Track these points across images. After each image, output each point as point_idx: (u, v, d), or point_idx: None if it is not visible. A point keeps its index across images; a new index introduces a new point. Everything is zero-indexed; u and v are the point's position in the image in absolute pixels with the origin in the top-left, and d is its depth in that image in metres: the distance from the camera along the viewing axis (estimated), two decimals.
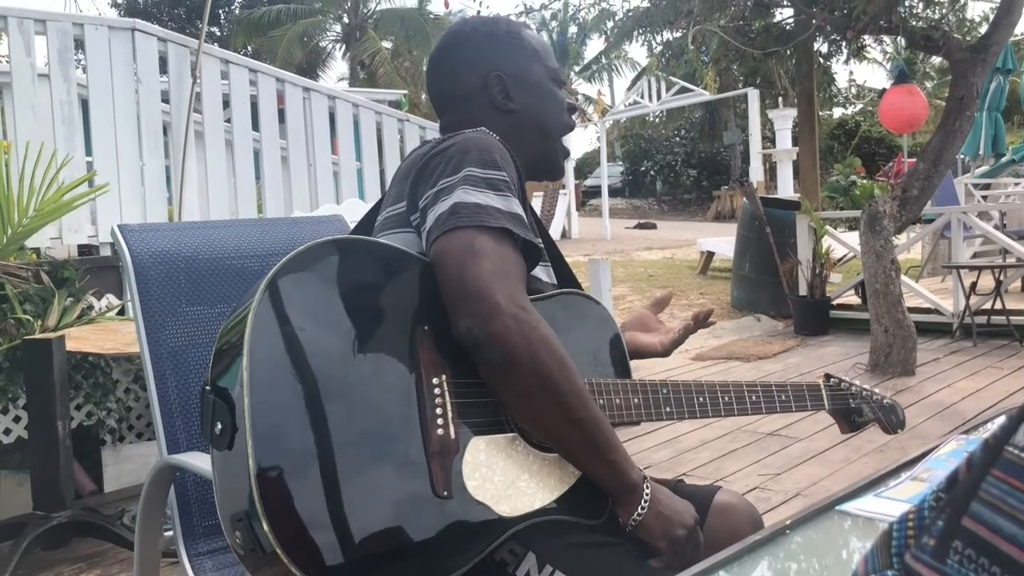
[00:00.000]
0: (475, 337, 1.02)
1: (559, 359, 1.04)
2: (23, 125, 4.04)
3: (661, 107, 16.41)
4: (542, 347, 1.03)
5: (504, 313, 1.02)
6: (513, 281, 1.07)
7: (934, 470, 1.01)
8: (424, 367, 1.04)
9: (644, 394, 1.24)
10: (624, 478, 1.10)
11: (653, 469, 3.60)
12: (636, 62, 28.83)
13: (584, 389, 1.07)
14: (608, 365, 1.26)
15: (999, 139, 10.45)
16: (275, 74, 5.26)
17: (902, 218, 5.55)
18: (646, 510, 1.10)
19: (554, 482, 1.09)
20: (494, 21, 1.42)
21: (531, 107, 1.36)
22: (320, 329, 1.00)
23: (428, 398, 1.03)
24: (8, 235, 3.18)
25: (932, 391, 4.78)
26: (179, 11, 26.45)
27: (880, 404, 1.48)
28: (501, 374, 1.03)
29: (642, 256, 13.36)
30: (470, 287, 1.03)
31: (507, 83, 1.34)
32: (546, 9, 8.18)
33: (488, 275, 1.04)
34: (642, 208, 28.98)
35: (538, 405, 1.05)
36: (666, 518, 1.11)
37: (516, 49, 1.37)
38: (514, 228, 1.11)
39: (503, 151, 1.20)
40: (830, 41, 6.82)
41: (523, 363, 1.02)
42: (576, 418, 1.05)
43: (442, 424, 1.02)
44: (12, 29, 4.06)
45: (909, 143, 10.81)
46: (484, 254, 1.06)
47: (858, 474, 3.28)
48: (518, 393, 1.04)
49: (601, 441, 1.08)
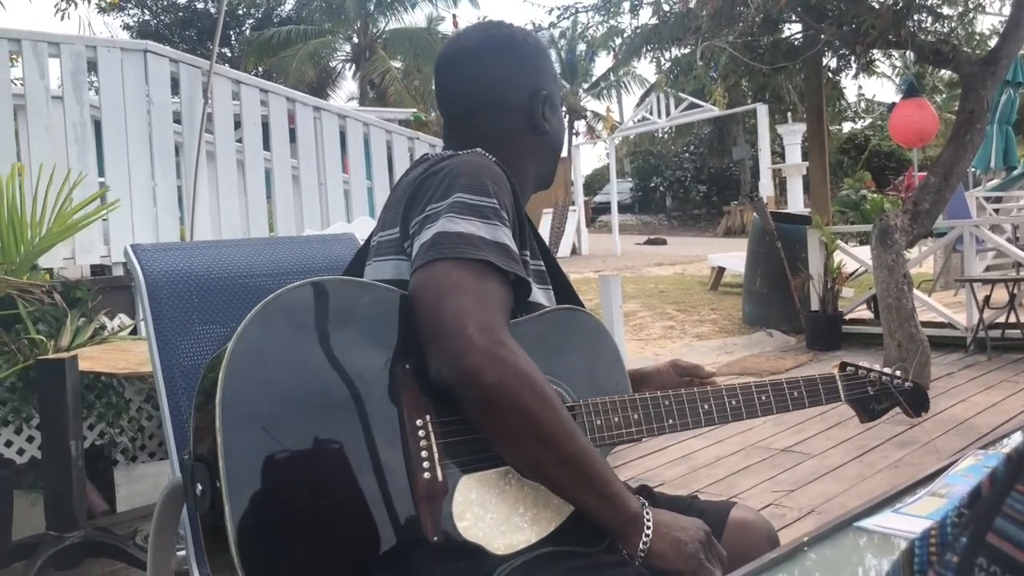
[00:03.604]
0: (446, 377, 0.98)
1: (540, 395, 0.99)
2: (37, 146, 4.07)
3: (670, 123, 16.42)
4: (521, 384, 0.98)
5: (477, 350, 0.97)
6: (491, 315, 1.01)
7: (953, 485, 1.00)
8: (407, 409, 1.00)
9: (644, 408, 1.20)
10: (622, 511, 1.05)
11: (666, 486, 3.57)
12: (644, 79, 28.92)
13: (570, 424, 1.02)
14: (605, 381, 1.22)
15: (1010, 152, 10.41)
16: (286, 94, 5.29)
17: (914, 232, 5.52)
18: (651, 537, 1.05)
19: (551, 513, 1.06)
20: (534, 34, 1.37)
21: (556, 130, 1.33)
22: (296, 380, 0.97)
23: (412, 441, 0.99)
24: (21, 254, 3.20)
25: (947, 406, 4.74)
26: (190, 33, 26.69)
27: (902, 388, 1.43)
28: (479, 413, 0.99)
29: (652, 272, 13.34)
30: (443, 323, 0.99)
31: (546, 103, 1.30)
32: (555, 27, 8.20)
33: (462, 311, 0.99)
34: (652, 224, 28.97)
35: (521, 444, 1.00)
36: (675, 539, 1.07)
37: (550, 69, 1.35)
38: (497, 260, 1.05)
39: (498, 175, 1.16)
40: (839, 56, 6.83)
41: (500, 402, 0.97)
42: (564, 455, 1.01)
43: (428, 467, 0.99)
44: (26, 52, 4.10)
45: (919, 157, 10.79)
46: (461, 288, 1.01)
47: (873, 490, 3.25)
48: (499, 432, 1.00)
49: (592, 475, 1.03)
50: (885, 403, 1.42)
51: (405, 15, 27.78)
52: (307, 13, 27.54)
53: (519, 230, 1.15)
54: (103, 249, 4.37)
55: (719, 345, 7.08)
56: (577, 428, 1.04)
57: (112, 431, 3.26)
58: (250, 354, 0.96)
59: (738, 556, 1.15)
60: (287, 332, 0.99)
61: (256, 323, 0.97)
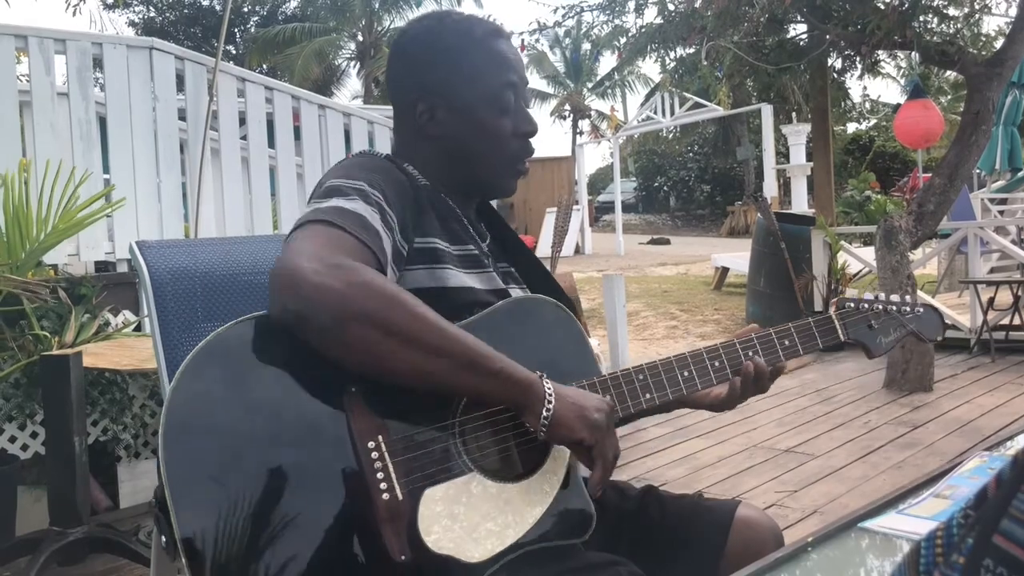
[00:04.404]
0: (292, 312, 0.94)
1: (388, 296, 0.95)
2: (42, 142, 4.08)
3: (674, 123, 16.41)
4: (366, 291, 0.94)
5: (313, 272, 0.93)
6: (326, 247, 0.98)
7: (957, 487, 1.00)
8: (358, 433, 0.97)
9: (617, 388, 1.14)
10: (517, 381, 1.01)
11: (669, 486, 3.57)
12: (649, 78, 28.94)
13: (430, 315, 0.98)
14: (573, 368, 1.15)
15: (1015, 154, 10.39)
16: (291, 91, 5.29)
17: (918, 233, 5.52)
18: (554, 405, 1.02)
19: (525, 510, 1.04)
20: (438, 32, 1.26)
21: (460, 136, 1.23)
22: (240, 423, 0.94)
23: (367, 464, 0.96)
24: (27, 251, 3.20)
25: (950, 407, 4.73)
26: (195, 30, 26.72)
27: (913, 315, 1.33)
28: (336, 338, 0.94)
29: (656, 272, 13.34)
30: (278, 268, 0.96)
31: (435, 106, 1.23)
32: (560, 27, 8.20)
33: (296, 251, 0.97)
34: (656, 224, 28.97)
35: (391, 354, 0.95)
36: (578, 405, 1.03)
37: (452, 69, 1.23)
38: (337, 220, 1.02)
39: (377, 167, 1.15)
40: (844, 56, 6.82)
41: (353, 314, 0.93)
42: (435, 347, 0.97)
43: (386, 488, 0.96)
44: (32, 48, 4.10)
45: (924, 158, 10.76)
46: (298, 239, 1.00)
47: (876, 491, 3.25)
48: (365, 351, 0.95)
49: (475, 357, 0.99)
50: (894, 334, 1.31)
51: (410, 13, 27.79)
52: (312, 11, 27.56)
53: (413, 215, 1.14)
54: (108, 246, 4.37)
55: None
56: (439, 317, 0.98)
57: (116, 427, 3.27)
58: (189, 403, 0.93)
59: (744, 554, 1.14)
60: (224, 375, 0.95)
61: (191, 370, 0.94)
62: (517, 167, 1.28)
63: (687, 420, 4.55)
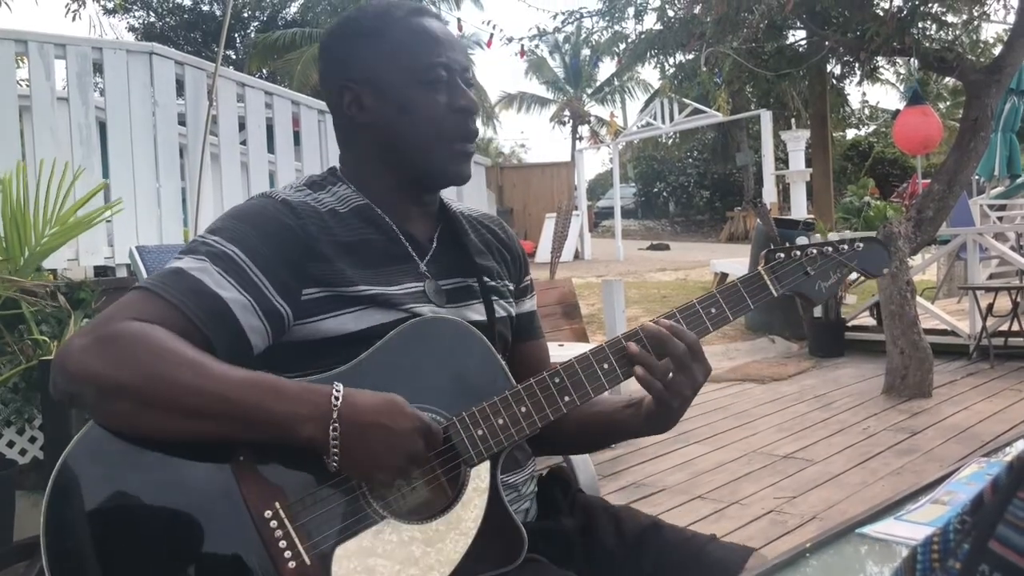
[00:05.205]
0: (61, 391, 0.92)
1: (147, 365, 0.91)
2: (42, 147, 4.08)
3: (674, 128, 16.42)
4: (124, 365, 0.91)
5: (79, 349, 0.91)
6: (114, 318, 0.95)
7: (955, 493, 1.00)
8: (252, 503, 0.92)
9: (532, 396, 1.06)
10: (295, 436, 0.93)
11: (667, 492, 3.57)
12: (648, 84, 28.96)
13: (192, 375, 0.91)
14: (483, 385, 1.08)
15: (1014, 160, 10.41)
16: (290, 97, 5.30)
17: (917, 239, 5.53)
18: (339, 434, 0.93)
19: (449, 547, 0.99)
20: (356, 18, 1.20)
21: (390, 119, 1.15)
22: (126, 518, 0.91)
23: (266, 534, 0.92)
24: (26, 255, 3.20)
25: (949, 413, 4.73)
26: (195, 35, 26.75)
27: (852, 251, 1.22)
28: (102, 413, 0.92)
29: (655, 277, 13.34)
30: (59, 347, 0.96)
31: (360, 93, 1.16)
32: (559, 32, 8.21)
33: (84, 327, 0.96)
34: (655, 229, 28.98)
35: (156, 424, 0.91)
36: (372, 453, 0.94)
37: (372, 50, 1.16)
38: (158, 286, 0.99)
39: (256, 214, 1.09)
40: (843, 63, 6.84)
41: (110, 390, 0.90)
42: (195, 410, 0.91)
43: (291, 555, 0.92)
44: (32, 53, 4.11)
45: (923, 164, 10.77)
46: (110, 308, 0.98)
47: (874, 497, 3.24)
48: (130, 425, 0.92)
49: (238, 412, 0.92)
50: (834, 276, 1.21)
51: None
52: (312, 16, 27.57)
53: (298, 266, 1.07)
54: (107, 250, 4.37)
55: (722, 351, 7.07)
56: (207, 373, 0.92)
57: None
58: (66, 507, 0.90)
59: None
60: (100, 472, 0.92)
61: (64, 472, 0.91)
62: (456, 147, 1.17)
63: (686, 425, 4.55)
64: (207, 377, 0.92)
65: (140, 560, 0.90)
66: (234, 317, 1.00)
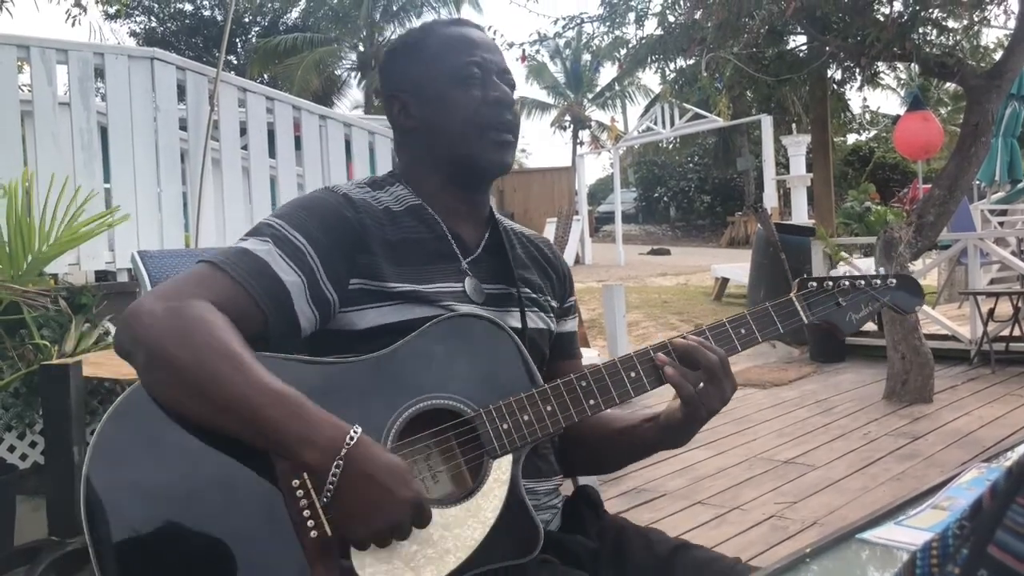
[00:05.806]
0: (121, 346, 1.00)
1: (197, 346, 0.95)
2: (44, 152, 4.09)
3: (674, 133, 16.44)
4: (181, 337, 0.96)
5: (147, 313, 0.98)
6: (185, 288, 1.02)
7: (955, 498, 1.00)
8: (282, 472, 0.95)
9: (558, 397, 1.09)
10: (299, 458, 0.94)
11: (668, 497, 3.57)
12: (649, 89, 28.97)
13: (232, 369, 0.95)
14: (509, 382, 1.11)
15: (1015, 165, 10.41)
16: (292, 102, 5.31)
17: (918, 244, 5.52)
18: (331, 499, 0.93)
19: (467, 532, 1.00)
20: (403, 36, 1.32)
21: (432, 119, 1.23)
22: (160, 476, 0.94)
23: (292, 503, 0.94)
24: (28, 262, 3.21)
25: (950, 419, 4.73)
26: (197, 40, 26.80)
27: (886, 286, 1.24)
28: (145, 377, 0.98)
29: (656, 282, 13.35)
30: (131, 304, 1.02)
31: (406, 101, 1.25)
32: (560, 38, 8.22)
33: (156, 290, 1.04)
34: (656, 234, 29.00)
35: (183, 402, 0.96)
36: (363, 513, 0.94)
37: (414, 60, 1.25)
38: (224, 262, 1.04)
39: (317, 204, 1.15)
40: (844, 68, 6.83)
41: (160, 359, 0.95)
42: (222, 404, 0.94)
43: (313, 524, 0.94)
44: (34, 59, 4.12)
45: (924, 169, 10.78)
46: (177, 277, 1.06)
47: (875, 503, 3.24)
48: (161, 394, 0.97)
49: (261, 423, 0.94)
50: (866, 309, 1.23)
51: (410, 23, 27.86)
52: (313, 21, 27.64)
53: (348, 257, 1.12)
54: (108, 255, 4.38)
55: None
56: (243, 368, 0.95)
57: None
58: (108, 463, 0.94)
59: None
60: (141, 430, 0.97)
61: (107, 429, 0.96)
62: (493, 136, 1.22)
63: None
64: (243, 375, 0.95)
65: (173, 522, 0.93)
66: (290, 299, 1.06)
